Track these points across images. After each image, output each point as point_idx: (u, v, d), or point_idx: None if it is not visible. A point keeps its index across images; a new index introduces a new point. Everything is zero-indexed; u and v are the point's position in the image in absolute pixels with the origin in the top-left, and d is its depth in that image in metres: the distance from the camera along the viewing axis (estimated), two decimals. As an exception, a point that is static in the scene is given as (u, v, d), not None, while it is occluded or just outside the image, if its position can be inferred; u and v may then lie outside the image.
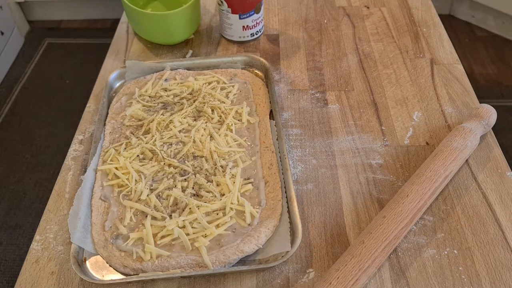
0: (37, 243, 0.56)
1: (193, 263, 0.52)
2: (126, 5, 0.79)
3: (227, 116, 0.67)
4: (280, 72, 0.78)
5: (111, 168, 0.61)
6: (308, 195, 0.60)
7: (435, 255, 0.54)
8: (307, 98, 0.73)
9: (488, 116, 0.64)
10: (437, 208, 0.58)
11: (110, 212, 0.57)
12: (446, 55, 0.81)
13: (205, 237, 0.53)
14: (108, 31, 2.10)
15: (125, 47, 0.85)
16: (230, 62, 0.78)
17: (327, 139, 0.67)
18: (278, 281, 0.52)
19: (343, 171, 0.63)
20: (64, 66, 2.01)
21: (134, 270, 0.52)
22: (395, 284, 0.51)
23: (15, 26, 2.07)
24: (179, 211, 0.56)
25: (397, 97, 0.73)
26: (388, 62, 0.80)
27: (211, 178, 0.60)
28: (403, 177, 0.62)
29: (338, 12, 0.91)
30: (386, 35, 0.85)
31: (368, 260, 0.49)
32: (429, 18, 0.89)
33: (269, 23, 0.89)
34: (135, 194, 0.58)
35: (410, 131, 0.68)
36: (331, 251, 0.55)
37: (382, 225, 0.52)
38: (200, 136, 0.64)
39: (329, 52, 0.82)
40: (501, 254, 0.53)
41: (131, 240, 0.54)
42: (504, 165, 0.63)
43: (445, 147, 0.60)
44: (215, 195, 0.58)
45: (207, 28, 0.88)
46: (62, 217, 0.58)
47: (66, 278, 0.53)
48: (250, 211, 0.56)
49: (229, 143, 0.64)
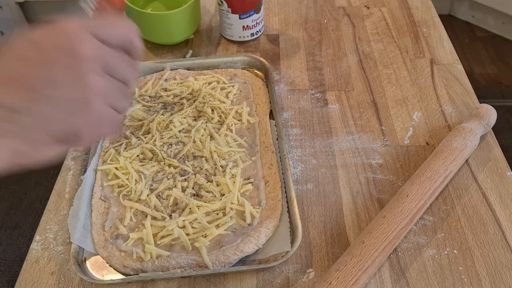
0: (37, 243, 0.56)
1: (193, 263, 0.52)
2: (126, 5, 0.79)
3: (227, 116, 0.67)
4: (280, 72, 0.78)
5: (111, 168, 0.61)
6: (308, 195, 0.60)
7: (435, 255, 0.54)
8: (307, 98, 0.73)
9: (488, 116, 0.64)
10: (437, 208, 0.58)
11: (110, 212, 0.57)
12: (446, 55, 0.81)
13: (205, 237, 0.53)
14: (108, 31, 2.10)
15: (125, 47, 0.85)
16: (230, 62, 0.78)
17: (327, 139, 0.67)
18: (278, 281, 0.52)
19: (343, 171, 0.63)
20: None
21: (134, 270, 0.52)
22: (395, 284, 0.51)
23: (15, 26, 2.07)
24: (179, 211, 0.56)
25: (397, 97, 0.73)
26: (388, 62, 0.80)
27: (211, 178, 0.60)
28: (403, 177, 0.62)
29: (338, 12, 0.91)
30: (386, 35, 0.85)
31: (368, 260, 0.49)
32: (429, 18, 0.89)
33: (269, 23, 0.89)
34: (135, 194, 0.58)
35: (410, 131, 0.68)
36: (331, 251, 0.55)
37: (382, 225, 0.52)
38: (200, 136, 0.64)
39: (329, 52, 0.82)
40: (501, 254, 0.53)
41: (131, 240, 0.54)
42: (504, 165, 0.63)
43: (445, 147, 0.60)
44: (215, 195, 0.58)
45: (207, 28, 0.88)
46: (62, 217, 0.58)
47: (66, 278, 0.53)
48: (250, 211, 0.56)
49: (229, 143, 0.64)
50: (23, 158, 0.31)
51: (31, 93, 0.30)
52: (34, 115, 0.30)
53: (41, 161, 0.33)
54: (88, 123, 0.33)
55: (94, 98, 0.32)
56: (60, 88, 0.31)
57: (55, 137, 0.32)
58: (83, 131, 0.33)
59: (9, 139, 0.30)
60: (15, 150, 0.31)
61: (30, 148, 0.31)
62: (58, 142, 0.32)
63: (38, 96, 0.30)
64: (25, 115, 0.30)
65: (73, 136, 0.33)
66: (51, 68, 0.31)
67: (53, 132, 0.32)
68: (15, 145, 0.30)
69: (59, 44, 0.32)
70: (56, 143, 0.32)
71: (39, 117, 0.31)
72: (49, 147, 0.32)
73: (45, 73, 0.31)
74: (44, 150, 0.32)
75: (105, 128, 0.35)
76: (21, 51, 0.32)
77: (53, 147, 0.33)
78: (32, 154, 0.32)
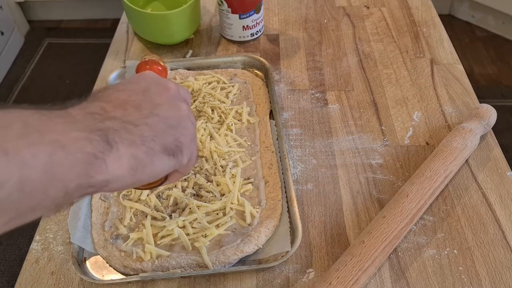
0: (37, 243, 0.56)
1: (193, 263, 0.52)
2: (126, 5, 0.79)
3: (227, 116, 0.67)
4: (280, 72, 0.78)
5: (111, 168, 0.61)
6: (308, 195, 0.60)
7: (435, 255, 0.54)
8: (307, 98, 0.73)
9: (488, 116, 0.64)
10: (437, 208, 0.58)
11: (110, 212, 0.57)
12: (446, 55, 0.81)
13: (205, 237, 0.53)
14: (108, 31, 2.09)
15: (125, 47, 0.85)
16: (230, 62, 0.78)
17: (327, 139, 0.67)
18: (278, 281, 0.52)
19: (343, 171, 0.63)
20: (64, 66, 2.01)
21: (134, 270, 0.52)
22: (395, 284, 0.51)
23: (15, 26, 2.07)
24: (179, 211, 0.56)
25: (397, 97, 0.73)
26: (388, 62, 0.80)
27: (211, 178, 0.60)
28: (403, 177, 0.62)
29: (338, 12, 0.91)
30: (386, 35, 0.85)
31: (368, 260, 0.49)
32: (429, 18, 0.89)
33: (269, 23, 0.89)
34: (135, 194, 0.58)
35: (410, 131, 0.68)
36: (331, 251, 0.55)
37: (382, 225, 0.52)
38: (200, 136, 0.64)
39: (329, 52, 0.82)
40: (501, 254, 0.53)
41: (131, 240, 0.54)
42: (504, 165, 0.63)
43: (445, 147, 0.60)
44: (215, 195, 0.58)
45: (207, 28, 0.88)
46: (62, 217, 0.58)
47: (66, 278, 0.53)
48: (250, 211, 0.56)
49: (229, 143, 0.64)
50: (139, 167, 0.36)
51: (142, 111, 0.37)
52: (148, 125, 0.37)
53: (152, 173, 0.38)
54: (184, 136, 0.40)
55: (185, 116, 0.41)
56: (161, 108, 0.39)
57: (163, 146, 0.38)
58: (183, 143, 0.39)
59: (131, 148, 0.35)
60: (134, 157, 0.35)
61: (145, 156, 0.36)
62: (166, 153, 0.38)
63: (148, 113, 0.37)
64: (141, 126, 0.36)
65: (176, 148, 0.39)
66: (152, 95, 0.39)
67: (162, 142, 0.37)
68: (134, 152, 0.35)
69: (153, 80, 0.41)
70: (165, 154, 0.38)
71: (152, 128, 0.37)
72: (160, 158, 0.37)
73: (149, 98, 0.39)
74: (156, 160, 0.37)
75: (195, 151, 0.43)
76: (122, 86, 0.39)
77: (163, 158, 0.38)
78: (147, 163, 0.36)
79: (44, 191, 0.29)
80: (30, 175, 0.28)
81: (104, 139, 0.33)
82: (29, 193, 0.28)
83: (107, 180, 0.34)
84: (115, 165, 0.34)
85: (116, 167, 0.34)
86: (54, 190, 0.30)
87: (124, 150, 0.34)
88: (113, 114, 0.36)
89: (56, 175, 0.30)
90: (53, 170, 0.30)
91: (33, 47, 2.11)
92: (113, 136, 0.34)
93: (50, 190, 0.30)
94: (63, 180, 0.31)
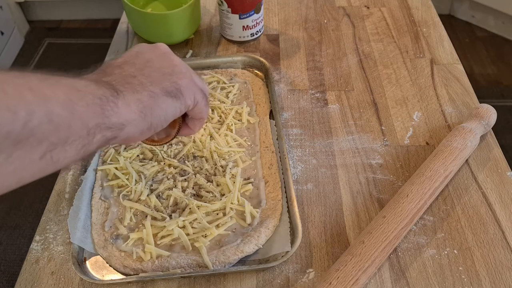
0: (37, 243, 0.56)
1: (193, 263, 0.52)
2: (126, 5, 0.79)
3: (227, 116, 0.67)
4: (280, 72, 0.78)
5: (111, 168, 0.61)
6: (308, 195, 0.60)
7: (435, 255, 0.54)
8: (307, 98, 0.73)
9: (488, 116, 0.64)
10: (437, 208, 0.58)
11: (110, 212, 0.57)
12: (446, 55, 0.81)
13: (205, 237, 0.53)
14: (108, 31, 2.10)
15: (125, 47, 0.85)
16: (230, 62, 0.78)
17: (327, 139, 0.67)
18: (278, 281, 0.52)
19: (343, 171, 0.63)
20: (64, 66, 2.01)
21: (134, 270, 0.52)
22: (395, 284, 0.51)
23: (15, 26, 2.07)
24: (179, 211, 0.56)
25: (397, 97, 0.73)
26: (388, 62, 0.80)
27: (211, 178, 0.60)
28: (403, 177, 0.62)
29: (338, 12, 0.91)
30: (386, 35, 0.85)
31: (368, 260, 0.49)
32: (429, 18, 0.89)
33: (269, 23, 0.89)
34: (135, 194, 0.58)
35: (410, 131, 0.68)
36: (331, 251, 0.55)
37: (382, 225, 0.52)
38: (200, 136, 0.64)
39: (329, 52, 0.82)
40: (501, 254, 0.53)
41: (131, 240, 0.54)
42: (504, 165, 0.63)
43: (445, 147, 0.60)
44: (215, 195, 0.58)
45: (207, 28, 0.88)
46: (62, 217, 0.58)
47: (66, 278, 0.53)
48: (250, 211, 0.56)
49: (229, 143, 0.64)
50: (147, 110, 0.41)
51: (136, 66, 0.43)
52: (145, 75, 0.42)
53: (161, 116, 0.43)
54: (181, 80, 0.45)
55: (178, 65, 0.46)
56: (154, 61, 0.45)
57: (164, 89, 0.43)
58: (181, 85, 0.44)
59: (134, 94, 0.40)
60: (140, 101, 0.40)
61: (149, 99, 0.41)
62: (168, 95, 0.43)
63: (142, 66, 0.44)
64: (139, 76, 0.42)
65: (176, 90, 0.44)
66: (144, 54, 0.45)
67: (161, 86, 0.43)
68: (139, 97, 0.40)
69: (145, 45, 0.47)
70: (167, 96, 0.43)
71: (148, 76, 0.43)
72: (164, 100, 0.43)
73: (141, 56, 0.45)
74: (160, 102, 0.42)
75: (198, 92, 0.47)
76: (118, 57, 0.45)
77: (167, 100, 0.43)
78: (153, 105, 0.41)
79: (68, 126, 0.34)
80: (54, 109, 0.33)
81: (110, 88, 0.39)
82: (56, 125, 0.33)
83: (122, 123, 0.39)
84: (126, 109, 0.39)
85: (127, 111, 0.39)
86: (76, 127, 0.35)
87: (130, 97, 0.40)
88: (113, 71, 0.42)
89: (75, 112, 0.34)
90: (72, 107, 0.34)
91: (33, 47, 2.11)
92: (117, 86, 0.40)
93: (73, 126, 0.34)
94: (82, 117, 0.35)
